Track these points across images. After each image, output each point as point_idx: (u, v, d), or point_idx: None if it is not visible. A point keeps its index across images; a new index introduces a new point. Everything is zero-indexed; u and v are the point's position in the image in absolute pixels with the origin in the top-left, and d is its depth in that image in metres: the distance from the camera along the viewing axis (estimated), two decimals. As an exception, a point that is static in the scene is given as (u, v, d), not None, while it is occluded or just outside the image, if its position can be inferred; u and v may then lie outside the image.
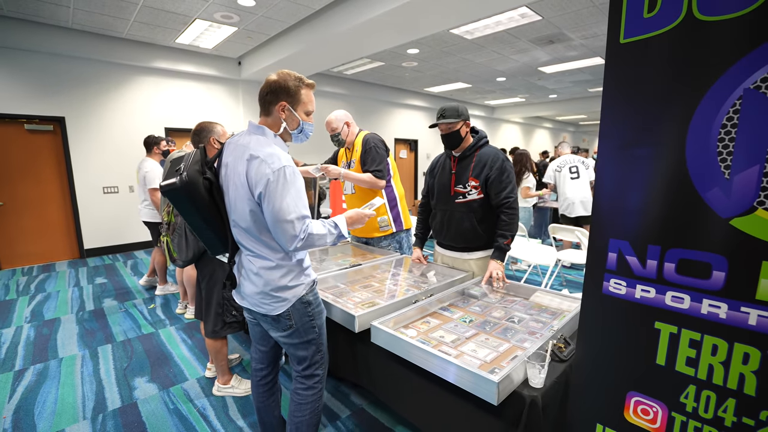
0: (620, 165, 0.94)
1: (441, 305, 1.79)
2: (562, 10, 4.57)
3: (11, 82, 4.83)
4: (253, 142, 1.31)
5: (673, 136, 0.85)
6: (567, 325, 1.51)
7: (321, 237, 1.34)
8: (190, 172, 1.29)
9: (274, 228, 1.28)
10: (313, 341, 1.48)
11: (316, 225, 1.33)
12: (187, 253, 2.03)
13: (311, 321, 1.46)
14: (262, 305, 1.40)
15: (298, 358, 1.49)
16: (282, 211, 1.24)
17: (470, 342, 1.45)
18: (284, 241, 1.28)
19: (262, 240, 1.34)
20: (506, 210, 1.97)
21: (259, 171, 1.24)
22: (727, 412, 0.83)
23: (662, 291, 0.88)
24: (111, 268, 5.05)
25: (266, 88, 1.34)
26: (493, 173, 1.95)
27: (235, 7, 4.37)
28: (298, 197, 1.28)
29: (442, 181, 2.13)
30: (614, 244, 0.96)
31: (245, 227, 1.34)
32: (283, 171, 1.25)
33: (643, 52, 0.88)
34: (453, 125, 1.97)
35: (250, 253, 1.38)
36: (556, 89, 9.63)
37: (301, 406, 1.49)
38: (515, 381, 1.18)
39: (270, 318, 1.42)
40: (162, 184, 1.31)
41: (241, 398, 2.26)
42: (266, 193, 1.24)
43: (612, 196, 0.96)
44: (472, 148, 2.04)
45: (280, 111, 1.34)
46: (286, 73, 1.35)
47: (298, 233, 1.27)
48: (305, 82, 1.37)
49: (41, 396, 2.31)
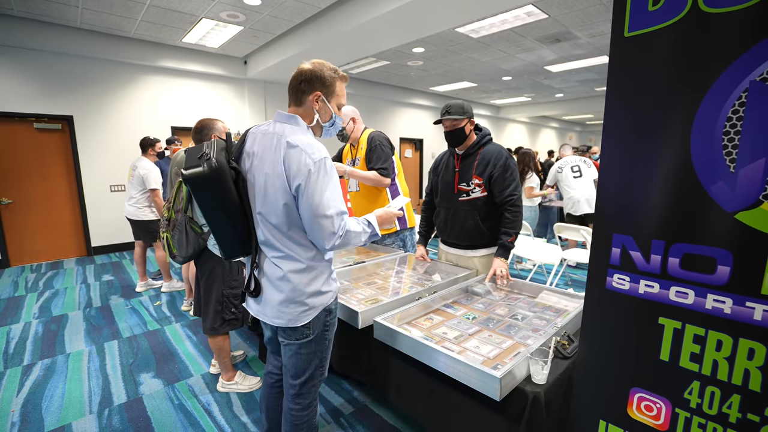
0: (624, 159, 0.93)
1: (444, 302, 1.79)
2: (569, 8, 4.54)
3: (21, 81, 4.90)
4: (287, 130, 1.22)
5: (678, 130, 0.84)
6: (571, 322, 1.50)
7: (357, 235, 1.26)
8: (219, 159, 1.18)
9: (311, 223, 1.18)
10: (319, 354, 1.36)
11: (353, 222, 1.26)
12: (187, 249, 1.98)
13: (326, 332, 1.35)
14: (283, 315, 1.27)
15: (296, 370, 1.35)
16: (322, 205, 1.16)
17: (473, 339, 1.45)
18: (321, 239, 1.19)
19: (291, 237, 1.23)
20: (510, 208, 1.96)
21: (299, 161, 1.15)
22: (732, 408, 0.82)
23: (666, 286, 0.88)
24: (118, 266, 5.10)
25: (300, 76, 1.25)
26: (497, 171, 1.94)
27: (241, 7, 4.40)
28: (336, 192, 1.20)
29: (446, 179, 2.12)
30: (618, 239, 0.95)
31: (275, 223, 1.22)
32: (324, 162, 1.17)
33: (647, 45, 0.87)
34: (457, 122, 1.96)
35: (277, 254, 1.26)
36: (563, 88, 9.57)
37: (297, 426, 1.39)
38: (518, 377, 1.18)
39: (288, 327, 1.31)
40: (186, 172, 1.17)
41: (245, 394, 2.27)
42: (306, 185, 1.15)
43: (615, 191, 0.96)
44: (476, 145, 2.03)
45: (314, 101, 1.26)
46: (321, 62, 1.27)
47: (336, 230, 1.18)
48: (340, 74, 1.31)
49: (49, 390, 2.34)
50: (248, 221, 1.28)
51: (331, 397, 2.23)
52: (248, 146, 1.28)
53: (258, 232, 1.28)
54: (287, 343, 1.33)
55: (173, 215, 1.96)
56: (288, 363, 1.36)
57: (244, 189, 1.26)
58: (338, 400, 2.21)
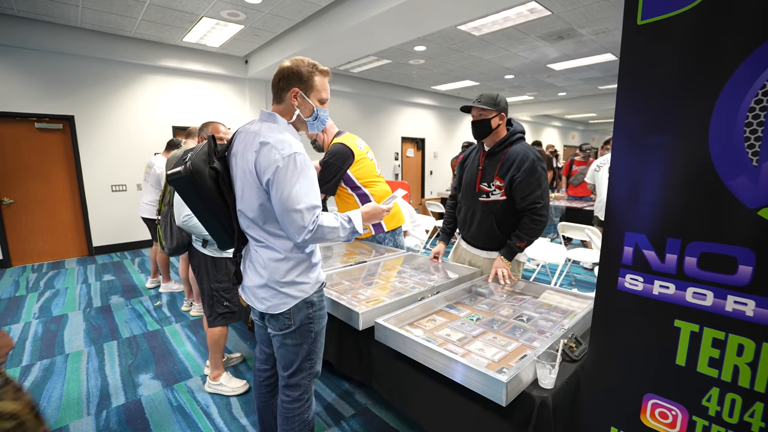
0: (636, 154, 0.89)
1: (447, 303, 1.75)
2: (573, 4, 4.48)
3: (22, 81, 4.88)
4: (264, 128, 1.25)
5: (695, 122, 0.80)
6: (578, 324, 1.46)
7: (332, 230, 1.26)
8: (195, 161, 1.25)
9: (282, 217, 1.21)
10: (305, 346, 1.38)
11: (328, 217, 1.26)
12: (171, 242, 2.10)
13: (310, 324, 1.37)
14: (263, 301, 1.34)
15: (285, 361, 1.40)
16: (291, 199, 1.17)
17: (477, 340, 1.41)
18: (292, 232, 1.21)
19: (267, 230, 1.28)
20: (533, 216, 1.84)
21: (268, 157, 1.18)
22: (755, 417, 0.77)
23: (683, 287, 0.83)
24: (119, 266, 5.08)
25: (279, 74, 1.29)
26: (521, 175, 1.81)
27: (242, 5, 4.36)
28: (309, 186, 1.21)
29: (469, 175, 2.03)
30: (630, 238, 0.90)
31: (251, 217, 1.28)
32: (294, 157, 1.18)
33: (662, 33, 0.83)
34: (486, 113, 1.85)
35: (258, 243, 1.33)
36: (566, 87, 9.49)
37: (288, 419, 1.42)
38: (524, 381, 1.13)
39: (269, 314, 1.37)
40: (168, 173, 1.27)
41: (244, 396, 2.23)
42: (274, 180, 1.17)
43: (627, 186, 0.91)
44: (503, 143, 1.89)
45: (292, 98, 1.29)
46: (300, 59, 1.30)
47: (306, 224, 1.19)
48: (319, 69, 1.32)
49: (47, 391, 2.32)
50: (232, 215, 1.35)
51: (331, 399, 2.19)
52: (235, 145, 1.33)
53: (241, 224, 1.36)
54: (273, 334, 1.39)
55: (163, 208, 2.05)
56: (277, 354, 1.42)
57: (227, 187, 1.32)
58: (339, 402, 2.17)
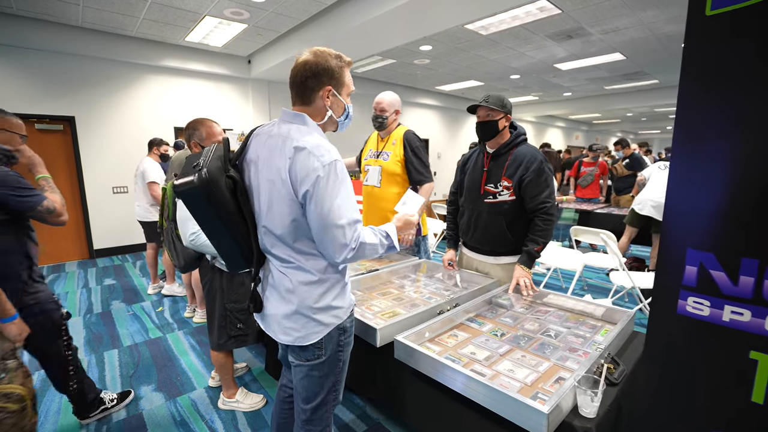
0: (702, 157, 0.79)
1: (468, 316, 1.65)
2: (584, 2, 4.38)
3: (21, 81, 4.79)
4: (293, 131, 1.09)
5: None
6: (613, 342, 1.36)
7: (373, 247, 1.12)
8: (210, 169, 1.04)
9: (320, 234, 1.06)
10: (333, 377, 1.23)
11: (368, 233, 1.12)
12: (179, 260, 1.85)
13: (340, 353, 1.22)
14: (289, 332, 1.15)
15: (308, 393, 1.22)
16: (332, 214, 1.03)
17: (505, 359, 1.31)
18: (332, 251, 1.06)
19: (297, 249, 1.11)
20: (543, 216, 1.82)
21: (306, 165, 1.02)
22: None
23: (761, 314, 0.73)
24: (120, 269, 4.99)
25: (306, 71, 1.10)
26: (529, 175, 1.80)
27: (246, 3, 4.27)
28: (348, 198, 1.07)
29: (473, 177, 1.99)
30: (694, 256, 0.80)
31: (279, 234, 1.10)
32: (335, 165, 1.04)
33: (737, 25, 0.72)
34: (493, 114, 1.83)
35: (285, 265, 1.14)
36: (571, 87, 9.38)
37: None
38: (564, 410, 1.04)
39: (297, 345, 1.18)
40: (176, 183, 1.05)
41: (251, 411, 2.14)
42: (314, 191, 1.02)
43: (690, 196, 0.81)
44: (508, 145, 1.89)
45: (325, 97, 1.13)
46: (324, 51, 1.12)
47: (348, 242, 1.05)
48: (345, 60, 1.16)
49: (45, 403, 2.22)
50: (250, 232, 1.16)
51: (342, 413, 2.09)
52: (252, 150, 1.16)
53: (263, 242, 1.16)
54: (297, 364, 1.21)
55: (164, 224, 1.85)
56: (299, 385, 1.23)
57: (244, 198, 1.13)
58: (349, 416, 2.07)
